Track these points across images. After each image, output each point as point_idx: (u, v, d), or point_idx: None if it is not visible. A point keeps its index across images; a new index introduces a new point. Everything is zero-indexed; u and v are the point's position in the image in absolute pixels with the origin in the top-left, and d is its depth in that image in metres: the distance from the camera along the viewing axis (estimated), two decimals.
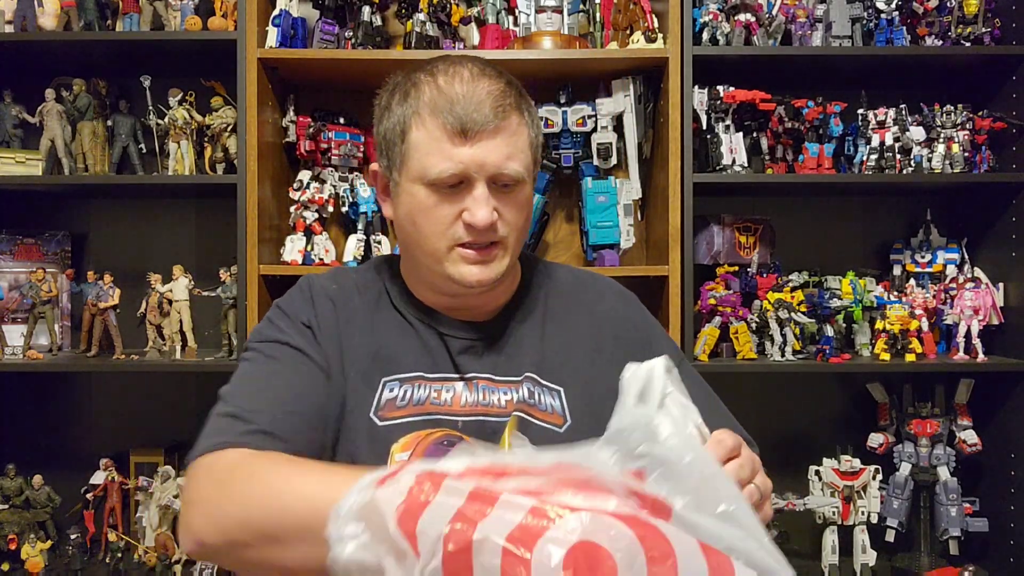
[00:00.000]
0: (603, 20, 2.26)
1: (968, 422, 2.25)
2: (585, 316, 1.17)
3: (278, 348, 1.05)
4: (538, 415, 1.06)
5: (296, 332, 1.07)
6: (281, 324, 1.08)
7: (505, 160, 1.04)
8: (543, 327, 1.15)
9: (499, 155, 1.03)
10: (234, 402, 0.98)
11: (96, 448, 2.37)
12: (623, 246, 2.21)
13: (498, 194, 1.04)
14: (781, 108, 2.24)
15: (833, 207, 2.46)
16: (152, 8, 2.20)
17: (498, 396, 1.06)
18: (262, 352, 1.06)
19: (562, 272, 1.25)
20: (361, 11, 2.18)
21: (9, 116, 2.30)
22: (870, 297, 2.26)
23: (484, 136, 1.02)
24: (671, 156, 2.08)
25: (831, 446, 2.29)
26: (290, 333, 1.07)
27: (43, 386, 2.43)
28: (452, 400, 1.05)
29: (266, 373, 1.03)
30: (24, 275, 2.31)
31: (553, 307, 1.17)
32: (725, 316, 2.19)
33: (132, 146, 2.29)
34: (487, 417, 1.05)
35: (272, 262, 2.17)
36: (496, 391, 1.07)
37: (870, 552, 2.21)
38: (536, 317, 1.16)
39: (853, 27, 2.19)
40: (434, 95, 1.04)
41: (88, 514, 2.29)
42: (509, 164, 1.04)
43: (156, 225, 2.44)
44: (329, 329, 1.08)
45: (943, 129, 2.22)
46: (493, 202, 1.03)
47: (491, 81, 1.07)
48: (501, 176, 1.04)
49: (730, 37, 2.17)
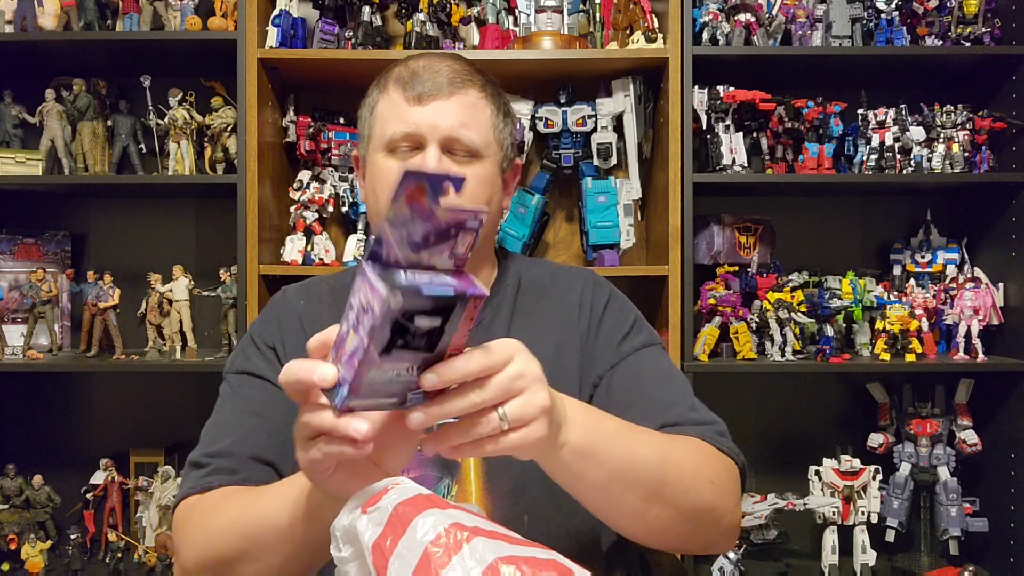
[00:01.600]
0: (603, 20, 2.26)
1: (968, 422, 2.25)
2: (554, 309, 1.17)
3: (244, 381, 1.10)
4: None
5: (260, 358, 1.11)
6: (249, 352, 1.13)
7: (458, 126, 1.05)
8: (511, 321, 1.15)
9: (452, 119, 1.05)
10: (201, 448, 1.04)
11: (96, 448, 2.37)
12: (623, 246, 2.21)
13: (457, 164, 1.06)
14: (781, 108, 2.24)
15: (833, 207, 2.46)
16: (152, 8, 2.20)
17: None
18: (231, 387, 1.11)
19: (540, 267, 1.25)
20: (361, 11, 2.18)
21: (9, 116, 2.30)
22: (870, 297, 2.26)
23: (438, 99, 1.06)
24: (671, 156, 2.08)
25: (831, 446, 2.29)
26: (255, 360, 1.11)
27: (43, 386, 2.43)
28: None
29: (229, 412, 1.08)
30: (24, 275, 2.31)
31: (523, 302, 1.17)
32: (725, 316, 2.19)
33: (132, 146, 2.30)
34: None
35: (272, 262, 2.17)
36: None
37: (870, 552, 2.21)
38: (505, 312, 1.16)
39: (853, 27, 2.19)
40: (401, 71, 1.10)
41: (88, 514, 2.29)
42: (463, 131, 1.06)
43: (156, 225, 2.44)
44: (295, 346, 1.09)
45: (943, 129, 2.22)
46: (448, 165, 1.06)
47: (461, 64, 1.11)
48: (455, 141, 1.06)
49: (730, 37, 2.17)
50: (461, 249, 0.62)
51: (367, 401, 0.65)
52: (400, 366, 0.63)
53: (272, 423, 1.04)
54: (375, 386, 0.64)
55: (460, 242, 0.62)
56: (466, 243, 0.62)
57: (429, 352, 0.64)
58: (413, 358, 0.63)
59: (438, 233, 0.60)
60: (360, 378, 0.62)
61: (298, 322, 1.13)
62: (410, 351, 0.62)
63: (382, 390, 0.65)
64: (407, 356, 0.63)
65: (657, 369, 1.13)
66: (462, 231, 0.61)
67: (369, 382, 0.63)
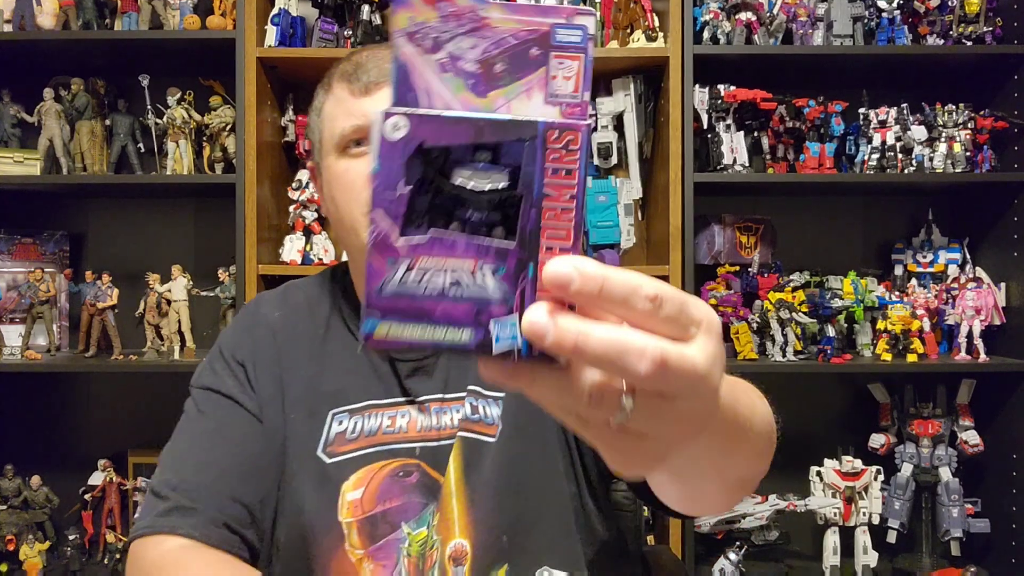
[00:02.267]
0: (603, 19, 2.25)
1: (970, 422, 2.24)
2: None
3: (210, 399, 1.01)
4: (478, 429, 0.99)
5: (229, 375, 1.02)
6: (217, 367, 1.04)
7: None
8: None
9: None
10: (161, 474, 0.96)
11: (94, 449, 2.36)
12: (623, 246, 2.21)
13: None
14: (782, 107, 2.23)
15: (834, 207, 2.45)
16: (151, 7, 2.20)
17: (450, 416, 0.99)
18: (196, 404, 1.02)
19: None
20: (360, 10, 2.17)
21: (7, 115, 2.30)
22: (871, 297, 2.25)
23: (386, 86, 0.95)
24: (672, 155, 2.07)
25: (832, 447, 2.28)
26: (223, 377, 1.02)
27: (41, 386, 2.42)
28: (408, 426, 0.98)
29: (192, 435, 0.99)
30: (22, 275, 2.30)
31: None
32: (726, 316, 2.18)
33: (131, 145, 2.29)
34: (440, 441, 0.98)
35: (271, 262, 2.16)
36: (447, 411, 1.00)
37: (871, 553, 2.20)
38: None
39: (854, 26, 2.19)
40: (345, 66, 1.01)
41: (86, 515, 2.28)
42: None
43: (155, 225, 2.43)
44: (267, 364, 1.02)
45: (945, 128, 2.22)
46: None
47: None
48: None
49: (731, 36, 2.17)
50: (564, 85, 0.39)
51: (406, 327, 0.39)
52: (450, 259, 0.39)
53: (237, 450, 0.96)
54: (415, 297, 0.39)
55: (558, 71, 0.39)
56: (572, 72, 0.39)
57: (508, 238, 0.39)
58: (477, 248, 0.39)
59: (507, 54, 0.39)
60: (380, 279, 0.39)
61: (271, 337, 1.04)
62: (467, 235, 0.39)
63: (427, 305, 0.39)
64: (462, 244, 0.39)
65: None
66: (555, 50, 0.39)
67: (401, 288, 0.39)
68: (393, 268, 0.39)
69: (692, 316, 0.40)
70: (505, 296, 0.39)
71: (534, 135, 0.38)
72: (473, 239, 0.39)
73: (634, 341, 0.38)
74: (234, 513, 0.93)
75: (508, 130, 0.38)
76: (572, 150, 0.38)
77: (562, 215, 0.39)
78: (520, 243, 0.39)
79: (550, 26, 0.38)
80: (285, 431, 0.98)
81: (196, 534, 0.90)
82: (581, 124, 0.38)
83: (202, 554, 0.89)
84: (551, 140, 0.38)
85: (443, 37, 0.39)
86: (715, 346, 0.41)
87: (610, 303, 0.39)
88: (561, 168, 0.38)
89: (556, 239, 0.39)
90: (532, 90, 0.39)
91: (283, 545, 0.97)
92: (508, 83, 0.39)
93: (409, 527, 0.96)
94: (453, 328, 0.39)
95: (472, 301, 0.39)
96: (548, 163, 0.38)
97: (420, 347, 0.40)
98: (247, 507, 0.94)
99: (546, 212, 0.39)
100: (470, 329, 0.39)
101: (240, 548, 0.93)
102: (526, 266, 0.39)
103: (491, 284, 0.39)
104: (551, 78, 0.39)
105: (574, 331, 0.38)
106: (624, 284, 0.39)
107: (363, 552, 0.95)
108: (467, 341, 0.39)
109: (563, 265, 0.38)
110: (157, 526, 0.91)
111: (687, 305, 0.40)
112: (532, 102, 0.39)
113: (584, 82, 0.39)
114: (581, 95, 0.39)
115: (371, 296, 0.39)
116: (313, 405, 0.99)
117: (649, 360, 0.38)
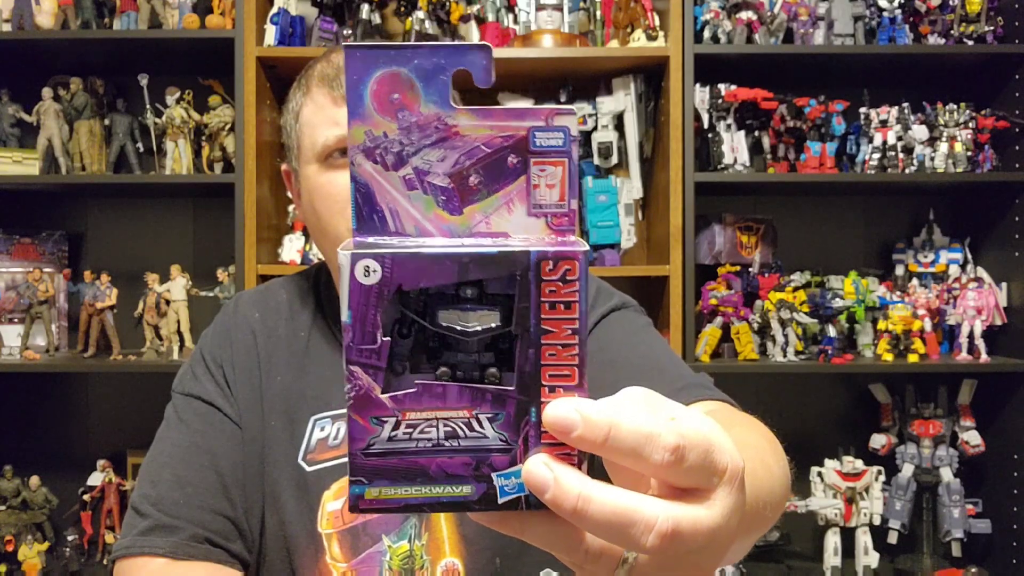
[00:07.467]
0: (604, 18, 2.25)
1: (971, 423, 2.23)
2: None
3: (191, 406, 0.97)
4: None
5: (209, 380, 0.99)
6: (197, 371, 1.00)
7: None
8: None
9: None
10: (141, 487, 0.93)
11: (93, 449, 2.36)
12: (624, 246, 2.20)
13: None
14: (783, 107, 2.23)
15: (835, 206, 2.44)
16: (149, 6, 2.19)
17: None
18: (177, 411, 0.98)
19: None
20: (360, 9, 2.17)
21: (6, 115, 2.29)
22: (872, 297, 2.24)
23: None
24: (672, 155, 2.07)
25: (833, 447, 2.27)
26: (203, 381, 0.99)
27: (40, 387, 2.41)
28: None
29: (172, 446, 0.95)
30: (21, 275, 2.30)
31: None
32: (727, 316, 2.18)
33: (129, 145, 2.28)
34: None
35: (270, 262, 2.15)
36: None
37: (872, 554, 2.19)
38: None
39: (855, 25, 2.18)
40: (324, 67, 0.98)
41: (85, 515, 2.28)
42: None
43: (154, 225, 2.42)
44: (245, 367, 0.99)
45: (946, 128, 2.21)
46: None
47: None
48: None
49: (731, 35, 2.16)
50: (548, 193, 0.36)
51: (392, 488, 0.36)
52: (442, 410, 0.36)
53: (218, 461, 0.93)
54: (399, 449, 0.36)
55: (540, 179, 0.36)
56: (556, 179, 0.36)
57: (494, 377, 0.36)
58: (471, 395, 0.36)
59: (481, 164, 0.36)
60: (364, 440, 0.36)
61: (251, 338, 1.01)
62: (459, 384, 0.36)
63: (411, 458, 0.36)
64: (454, 392, 0.36)
65: (646, 336, 1.01)
66: (535, 156, 0.36)
67: (390, 446, 0.36)
68: (379, 427, 0.36)
69: (716, 465, 0.36)
70: (507, 445, 0.36)
71: (526, 268, 0.34)
72: (466, 386, 0.35)
73: (641, 511, 0.35)
74: (217, 527, 0.90)
75: (496, 264, 0.34)
76: (570, 280, 0.34)
77: (564, 352, 0.35)
78: (519, 386, 0.35)
79: (528, 130, 0.35)
80: (264, 438, 0.96)
81: (179, 553, 0.88)
82: (578, 252, 0.34)
83: (184, 570, 0.87)
84: (545, 272, 0.34)
85: (407, 150, 0.36)
86: (736, 498, 0.38)
87: (618, 454, 0.35)
88: (559, 302, 0.35)
89: (559, 379, 0.35)
90: (512, 202, 0.36)
91: (268, 555, 0.95)
92: (485, 196, 0.36)
93: (390, 539, 0.93)
94: (452, 484, 0.36)
95: (470, 452, 0.36)
96: (544, 298, 0.35)
97: (418, 507, 0.36)
98: (231, 519, 0.92)
99: (546, 351, 0.35)
100: (471, 483, 0.36)
101: (227, 560, 0.90)
102: (528, 411, 0.36)
103: (490, 433, 0.36)
104: (533, 187, 0.36)
105: (574, 493, 0.34)
106: (635, 433, 0.34)
107: (345, 566, 0.93)
108: (469, 496, 0.36)
109: (564, 409, 0.35)
110: (138, 546, 0.88)
111: (711, 452, 0.36)
112: (513, 216, 0.36)
113: (570, 189, 0.36)
114: (568, 203, 0.36)
115: (356, 458, 0.36)
116: (294, 411, 0.96)
117: (657, 534, 0.34)
